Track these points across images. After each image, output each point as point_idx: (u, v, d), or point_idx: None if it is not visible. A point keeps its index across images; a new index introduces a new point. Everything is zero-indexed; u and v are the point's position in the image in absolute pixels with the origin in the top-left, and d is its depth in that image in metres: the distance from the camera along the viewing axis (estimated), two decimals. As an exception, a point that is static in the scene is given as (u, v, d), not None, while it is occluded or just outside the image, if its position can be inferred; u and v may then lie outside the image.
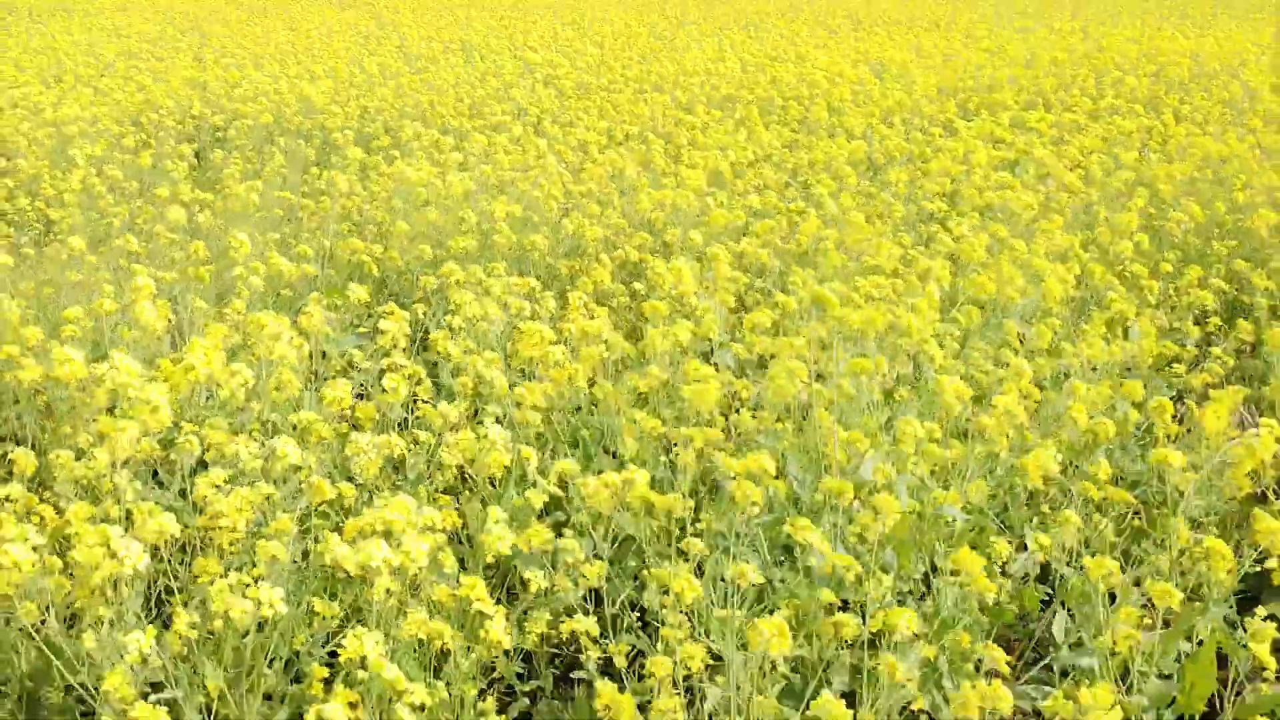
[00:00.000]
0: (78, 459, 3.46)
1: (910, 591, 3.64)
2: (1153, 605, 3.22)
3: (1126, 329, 5.13)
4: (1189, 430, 4.13)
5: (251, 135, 10.07)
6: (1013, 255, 5.58)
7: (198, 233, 6.68)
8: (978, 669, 3.24)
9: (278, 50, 16.06)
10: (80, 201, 7.62)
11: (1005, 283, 5.15)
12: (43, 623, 2.94)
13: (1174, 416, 4.13)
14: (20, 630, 3.05)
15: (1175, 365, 5.05)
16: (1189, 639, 3.45)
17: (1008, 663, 3.20)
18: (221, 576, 2.88)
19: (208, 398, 4.30)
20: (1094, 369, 4.64)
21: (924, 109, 10.34)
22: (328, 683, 2.85)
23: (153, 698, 2.75)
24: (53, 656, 2.94)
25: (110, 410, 3.51)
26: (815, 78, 11.69)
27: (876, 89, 11.22)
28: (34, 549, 2.78)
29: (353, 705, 2.66)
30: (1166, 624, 3.38)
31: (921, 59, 13.99)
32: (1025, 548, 3.77)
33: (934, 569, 3.59)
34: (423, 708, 2.67)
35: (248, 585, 2.82)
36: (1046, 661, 3.58)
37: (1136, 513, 3.99)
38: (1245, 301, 5.98)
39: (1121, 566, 3.35)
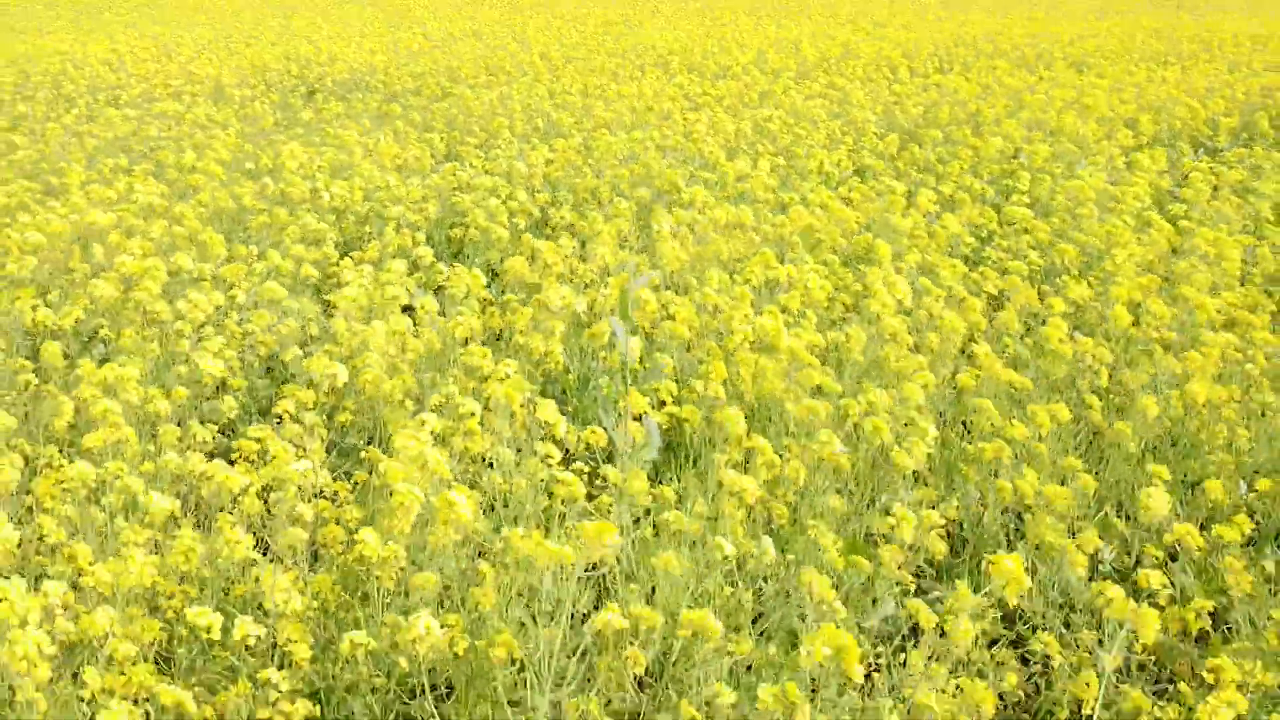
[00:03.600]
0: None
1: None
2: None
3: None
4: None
5: (338, 87, 14.64)
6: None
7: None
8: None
9: (328, 35, 20.64)
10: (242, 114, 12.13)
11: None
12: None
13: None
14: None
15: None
16: None
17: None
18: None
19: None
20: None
21: (779, 64, 15.03)
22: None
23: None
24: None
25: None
26: (732, 48, 16.32)
27: (774, 56, 15.86)
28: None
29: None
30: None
31: (817, 37, 18.66)
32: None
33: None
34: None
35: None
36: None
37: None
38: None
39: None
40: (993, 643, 3.33)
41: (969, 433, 4.12)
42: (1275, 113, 11.92)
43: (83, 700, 2.54)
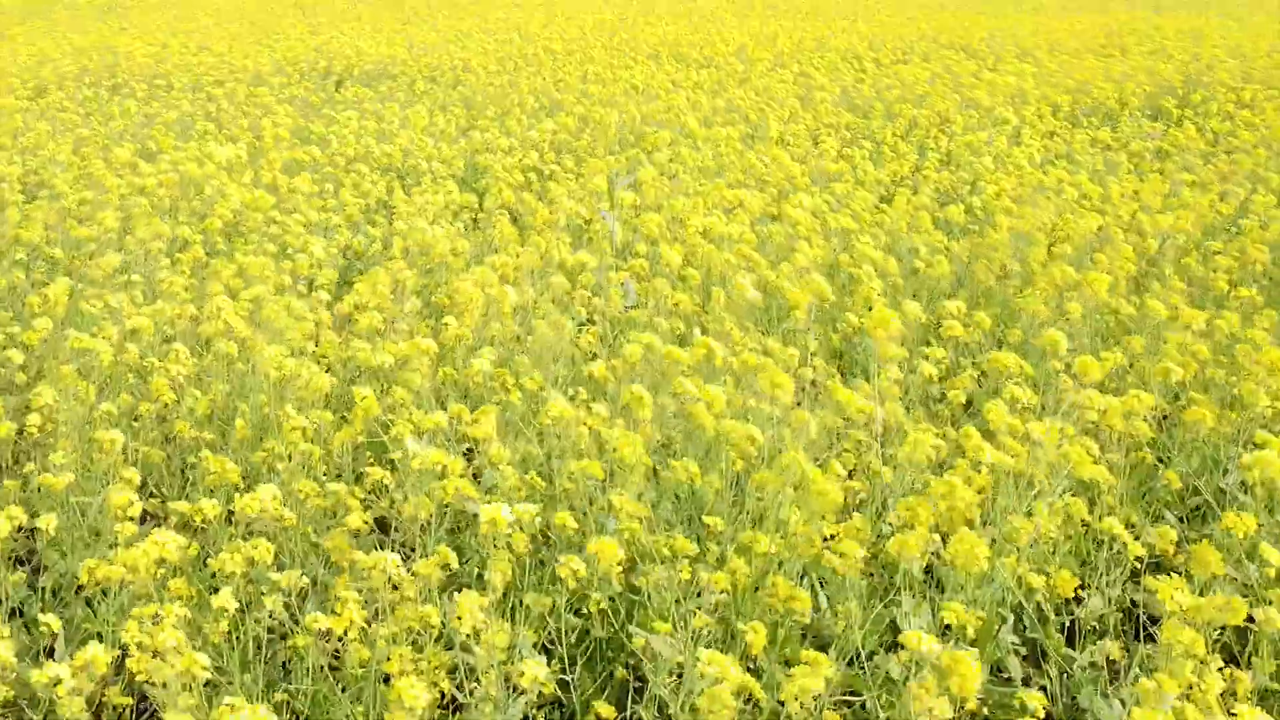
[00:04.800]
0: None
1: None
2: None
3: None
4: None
5: (364, 76, 16.45)
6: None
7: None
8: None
9: (350, 31, 22.48)
10: (285, 96, 13.95)
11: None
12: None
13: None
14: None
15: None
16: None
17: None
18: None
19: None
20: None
21: (756, 55, 16.87)
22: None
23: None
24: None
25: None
26: (716, 42, 18.16)
27: (754, 48, 17.71)
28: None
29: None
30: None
31: (794, 32, 20.53)
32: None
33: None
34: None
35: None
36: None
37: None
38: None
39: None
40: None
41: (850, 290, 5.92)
42: (1181, 95, 13.75)
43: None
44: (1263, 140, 9.84)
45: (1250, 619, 3.04)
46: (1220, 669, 2.81)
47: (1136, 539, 3.56)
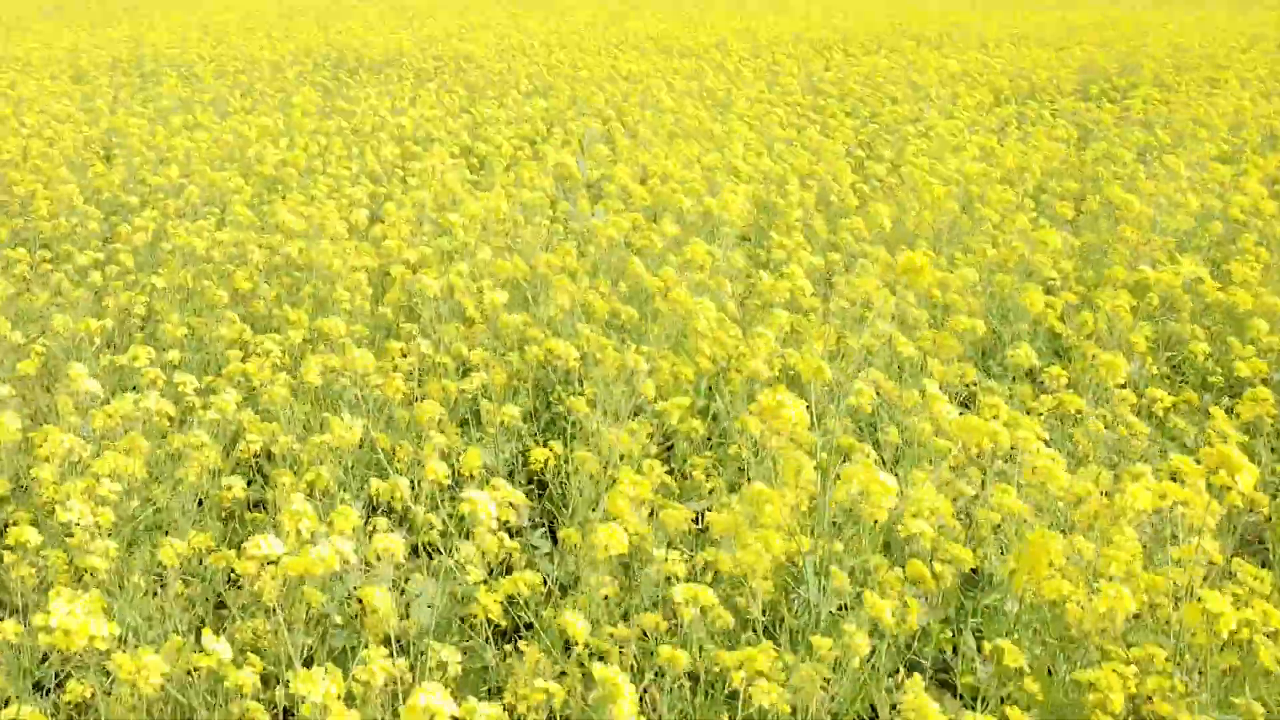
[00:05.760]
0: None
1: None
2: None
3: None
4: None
5: (374, 65, 17.95)
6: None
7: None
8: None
9: (361, 24, 23.99)
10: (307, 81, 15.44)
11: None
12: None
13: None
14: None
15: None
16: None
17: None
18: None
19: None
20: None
21: (736, 47, 18.36)
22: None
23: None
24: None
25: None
26: (699, 34, 19.68)
27: (734, 41, 19.22)
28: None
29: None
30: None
31: (774, 27, 22.04)
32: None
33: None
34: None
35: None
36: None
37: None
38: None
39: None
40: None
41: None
42: (1112, 81, 15.25)
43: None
44: (1160, 113, 11.37)
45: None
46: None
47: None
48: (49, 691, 3.51)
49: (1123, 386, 4.45)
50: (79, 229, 7.24)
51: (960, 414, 3.78)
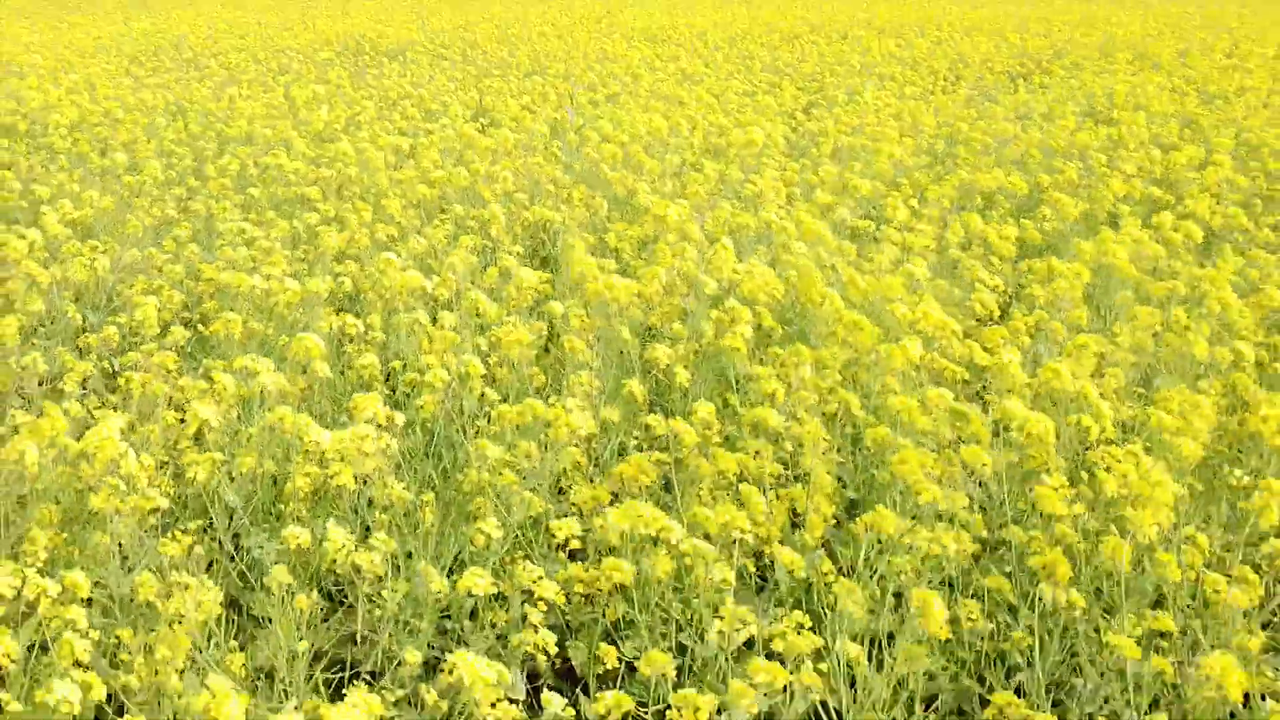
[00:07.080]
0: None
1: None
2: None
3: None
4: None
5: (390, 52, 20.06)
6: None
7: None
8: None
9: (371, 18, 26.13)
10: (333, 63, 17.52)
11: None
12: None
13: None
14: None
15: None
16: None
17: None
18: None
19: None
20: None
21: (715, 38, 20.46)
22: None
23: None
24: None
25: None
26: (681, 26, 21.82)
27: (713, 31, 21.36)
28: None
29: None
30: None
31: (749, 19, 24.18)
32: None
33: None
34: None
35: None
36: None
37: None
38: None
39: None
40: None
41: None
42: (1040, 64, 17.36)
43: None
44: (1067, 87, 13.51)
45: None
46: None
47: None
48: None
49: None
50: (174, 164, 9.33)
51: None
